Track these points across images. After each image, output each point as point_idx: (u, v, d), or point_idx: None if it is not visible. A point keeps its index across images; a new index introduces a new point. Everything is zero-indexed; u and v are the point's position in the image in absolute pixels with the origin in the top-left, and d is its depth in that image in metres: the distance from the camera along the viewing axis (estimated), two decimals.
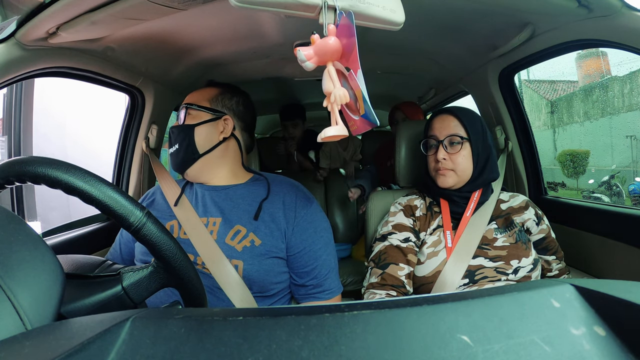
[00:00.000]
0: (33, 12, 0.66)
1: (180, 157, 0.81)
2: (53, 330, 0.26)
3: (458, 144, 0.89)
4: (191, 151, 0.80)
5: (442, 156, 0.88)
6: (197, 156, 0.80)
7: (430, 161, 0.94)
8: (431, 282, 0.85)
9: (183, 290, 0.46)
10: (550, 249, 0.92)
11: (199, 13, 0.83)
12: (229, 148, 0.84)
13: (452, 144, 0.89)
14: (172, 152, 0.83)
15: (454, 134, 0.89)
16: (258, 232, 0.75)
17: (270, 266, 0.75)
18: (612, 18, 0.74)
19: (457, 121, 0.90)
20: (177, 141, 0.81)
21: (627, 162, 5.85)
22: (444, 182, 0.90)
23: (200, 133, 0.81)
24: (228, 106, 0.85)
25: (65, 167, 0.38)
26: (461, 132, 0.89)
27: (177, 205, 0.81)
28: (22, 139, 2.32)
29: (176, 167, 0.83)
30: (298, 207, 0.79)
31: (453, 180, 0.89)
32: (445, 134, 0.90)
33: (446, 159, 0.88)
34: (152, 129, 1.24)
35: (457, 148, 0.88)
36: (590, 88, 7.27)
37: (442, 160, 0.88)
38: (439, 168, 0.89)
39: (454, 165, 0.88)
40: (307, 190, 0.85)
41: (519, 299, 0.26)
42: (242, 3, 0.45)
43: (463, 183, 0.90)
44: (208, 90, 0.86)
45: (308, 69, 0.45)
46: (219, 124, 0.82)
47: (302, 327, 0.24)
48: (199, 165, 0.81)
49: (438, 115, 0.94)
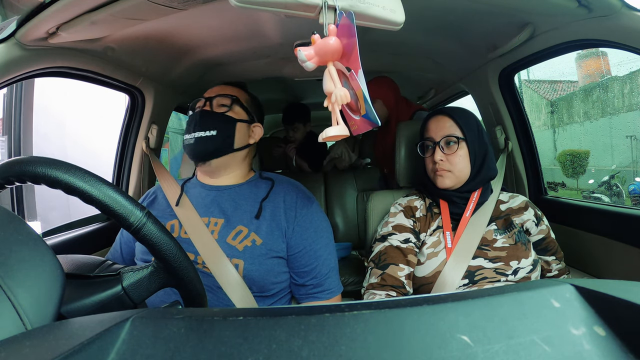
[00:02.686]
0: (33, 12, 0.66)
1: (214, 144, 0.78)
2: (53, 330, 0.26)
3: (454, 144, 0.89)
4: (229, 143, 0.80)
5: (439, 157, 0.89)
6: (231, 150, 0.81)
7: (427, 163, 0.94)
8: (431, 283, 0.85)
9: (183, 290, 0.46)
10: (549, 249, 0.92)
11: (199, 13, 0.83)
12: (250, 153, 0.87)
13: (448, 144, 0.89)
14: (204, 137, 0.77)
15: (449, 134, 0.89)
16: (259, 232, 0.75)
17: (270, 266, 0.75)
18: (612, 18, 0.74)
19: (452, 121, 0.90)
20: (215, 127, 0.78)
21: (627, 162, 5.85)
22: (442, 183, 0.90)
23: (240, 130, 0.82)
24: (257, 114, 0.88)
25: (65, 167, 0.38)
26: (457, 132, 0.89)
27: (178, 205, 0.81)
28: (22, 139, 2.32)
29: (202, 154, 0.78)
30: (299, 206, 0.79)
31: (451, 180, 0.89)
32: (441, 135, 0.90)
33: (443, 160, 0.89)
34: (152, 129, 1.25)
35: (454, 148, 0.89)
36: (590, 88, 7.27)
37: (439, 161, 0.89)
38: (437, 169, 0.90)
39: (451, 166, 0.88)
40: (308, 190, 0.85)
41: (519, 299, 0.26)
42: (242, 3, 0.45)
43: (462, 183, 0.90)
44: (239, 91, 0.87)
45: (309, 69, 0.45)
46: (250, 128, 0.85)
47: (302, 327, 0.24)
48: (226, 159, 0.81)
49: (433, 117, 0.94)
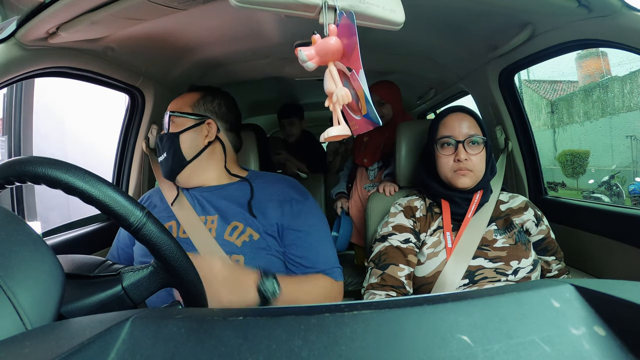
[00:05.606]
0: (33, 12, 0.66)
1: (169, 165, 0.82)
2: (53, 330, 0.26)
3: (478, 144, 0.88)
4: (178, 159, 0.81)
5: (464, 156, 0.86)
6: (185, 163, 0.81)
7: (445, 161, 0.90)
8: (431, 283, 0.85)
9: (183, 290, 0.46)
10: (549, 249, 0.92)
11: (199, 13, 0.83)
12: (215, 151, 0.85)
13: (473, 144, 0.88)
14: (162, 160, 0.83)
15: (475, 134, 0.88)
16: (255, 228, 0.76)
17: (270, 260, 0.76)
18: (612, 18, 0.74)
19: (474, 121, 0.89)
20: (164, 150, 0.82)
21: (627, 162, 5.85)
22: (463, 183, 0.87)
23: (185, 140, 0.81)
24: (210, 109, 0.85)
25: (65, 167, 0.38)
26: (480, 133, 0.88)
27: (174, 204, 0.81)
28: (22, 139, 2.32)
29: (166, 175, 0.84)
30: (293, 202, 0.80)
31: (471, 180, 0.88)
32: (466, 133, 0.88)
33: (467, 159, 0.87)
34: (152, 129, 1.24)
35: (478, 149, 0.87)
36: (590, 88, 7.27)
37: (463, 160, 0.86)
38: (460, 168, 0.87)
39: (474, 166, 0.87)
40: (303, 187, 0.86)
41: (519, 299, 0.26)
42: (242, 3, 0.45)
43: (476, 183, 0.89)
44: (189, 95, 0.86)
45: (309, 69, 0.45)
46: (202, 129, 0.83)
47: (302, 327, 0.24)
48: (187, 171, 0.82)
49: (452, 114, 0.91)
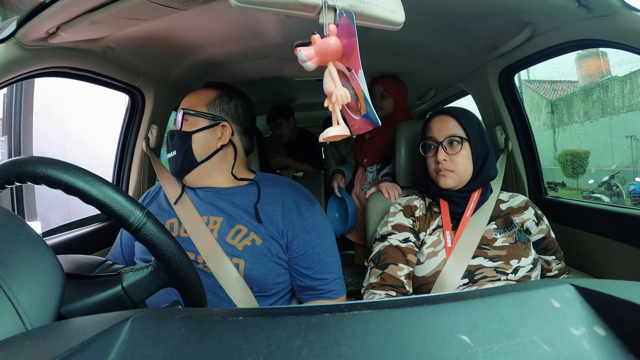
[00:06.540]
0: (33, 12, 0.66)
1: (178, 164, 0.80)
2: (53, 330, 0.26)
3: (457, 144, 0.89)
4: (189, 159, 0.79)
5: (442, 157, 0.88)
6: (195, 164, 0.79)
7: (430, 162, 0.94)
8: (431, 282, 0.85)
9: (183, 290, 0.46)
10: (549, 249, 0.92)
11: (199, 13, 0.83)
12: (227, 154, 0.83)
13: (451, 144, 0.89)
14: (170, 157, 0.81)
15: (453, 134, 0.89)
16: (258, 232, 0.75)
17: (271, 266, 0.75)
18: (612, 18, 0.74)
19: (455, 121, 0.90)
20: (174, 147, 0.80)
21: (627, 162, 5.85)
22: (445, 183, 0.90)
23: (198, 140, 0.79)
24: (226, 110, 0.83)
25: (65, 167, 0.38)
26: (460, 132, 0.89)
27: (177, 203, 0.80)
28: (22, 139, 2.32)
29: (174, 173, 0.82)
30: (301, 209, 0.78)
31: (454, 180, 0.89)
32: (444, 134, 0.90)
33: (446, 159, 0.88)
34: (152, 128, 1.25)
35: (457, 148, 0.89)
36: (590, 88, 7.27)
37: (442, 161, 0.88)
38: (440, 169, 0.89)
39: (454, 166, 0.88)
40: (310, 193, 0.84)
41: (519, 299, 0.26)
42: (242, 3, 0.45)
43: (464, 183, 0.90)
44: (205, 92, 0.83)
45: (309, 69, 0.45)
46: (217, 130, 0.80)
47: (302, 327, 0.24)
48: (197, 172, 0.80)
49: (435, 116, 0.94)
